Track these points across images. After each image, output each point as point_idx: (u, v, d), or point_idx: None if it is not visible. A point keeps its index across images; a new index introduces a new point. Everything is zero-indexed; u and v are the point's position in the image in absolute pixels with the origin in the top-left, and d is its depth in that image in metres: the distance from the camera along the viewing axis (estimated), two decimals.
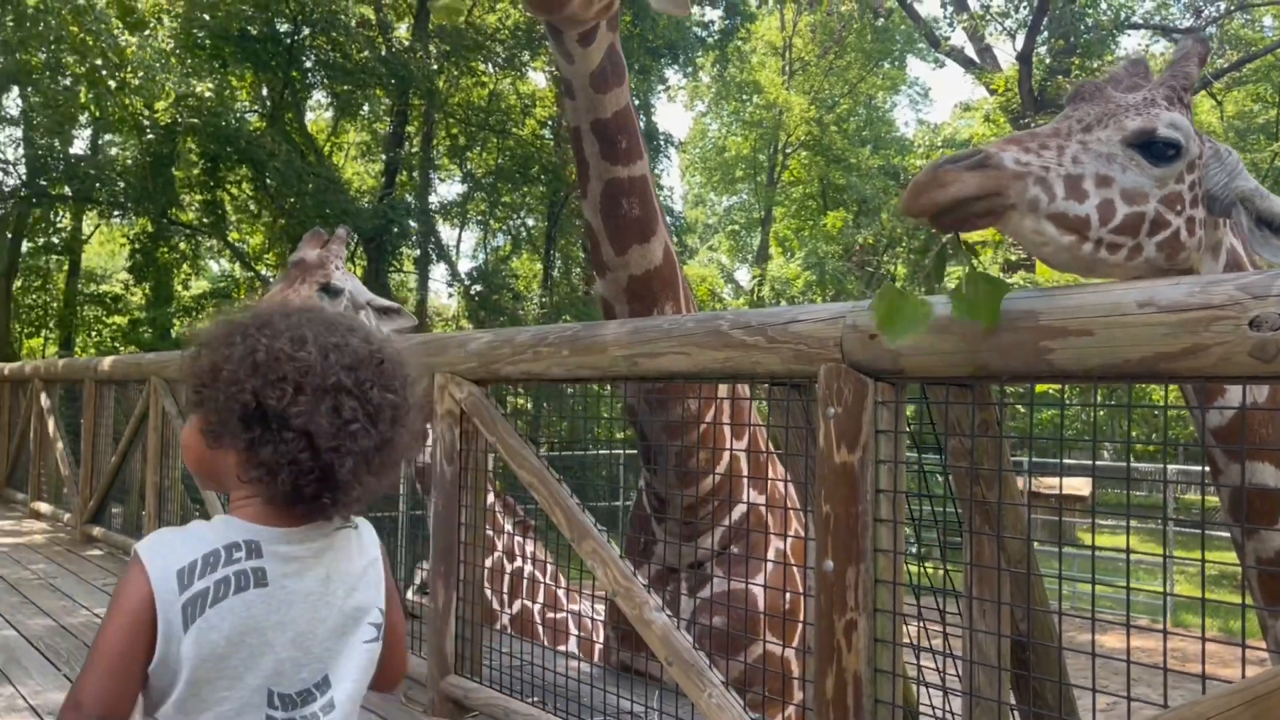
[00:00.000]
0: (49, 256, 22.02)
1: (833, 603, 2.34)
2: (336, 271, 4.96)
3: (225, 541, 1.36)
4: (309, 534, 1.42)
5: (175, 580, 1.30)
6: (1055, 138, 2.09)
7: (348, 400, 1.38)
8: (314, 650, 1.40)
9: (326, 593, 1.42)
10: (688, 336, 2.82)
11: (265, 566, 1.36)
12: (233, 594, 1.33)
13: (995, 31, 23.89)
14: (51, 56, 15.45)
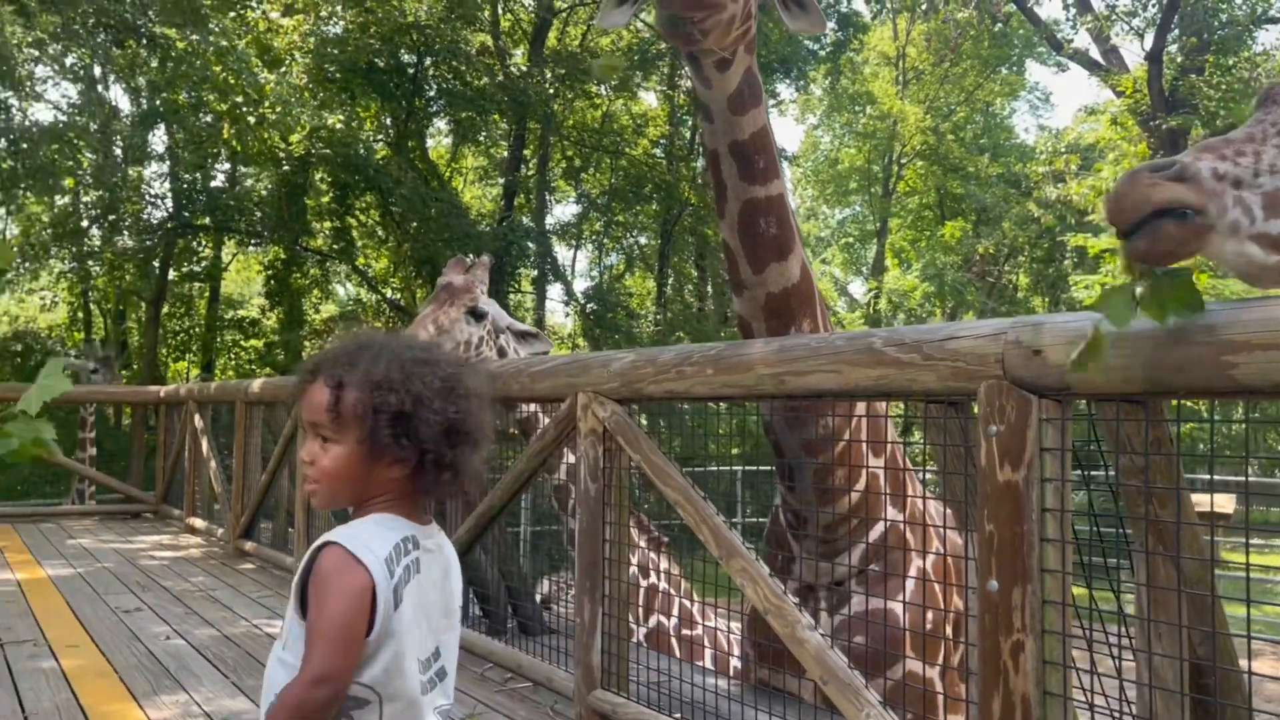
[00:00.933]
0: (192, 284, 23.26)
1: (998, 623, 2.31)
2: (481, 297, 5.15)
3: (401, 535, 1.64)
4: (433, 532, 1.73)
5: (385, 568, 1.57)
6: (1250, 143, 1.98)
7: (469, 404, 1.70)
8: (436, 627, 1.70)
9: (444, 580, 1.73)
10: (837, 354, 2.83)
11: (420, 557, 1.65)
12: (413, 577, 1.62)
13: (1121, 31, 23.06)
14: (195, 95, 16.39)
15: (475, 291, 5.17)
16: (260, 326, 23.07)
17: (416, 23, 17.46)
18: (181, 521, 9.87)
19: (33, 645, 4.98)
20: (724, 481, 15.25)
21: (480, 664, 4.72)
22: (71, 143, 14.58)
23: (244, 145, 17.48)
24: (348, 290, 26.52)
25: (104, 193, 17.30)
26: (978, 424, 2.42)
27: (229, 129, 16.94)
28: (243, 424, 8.27)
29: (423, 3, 17.64)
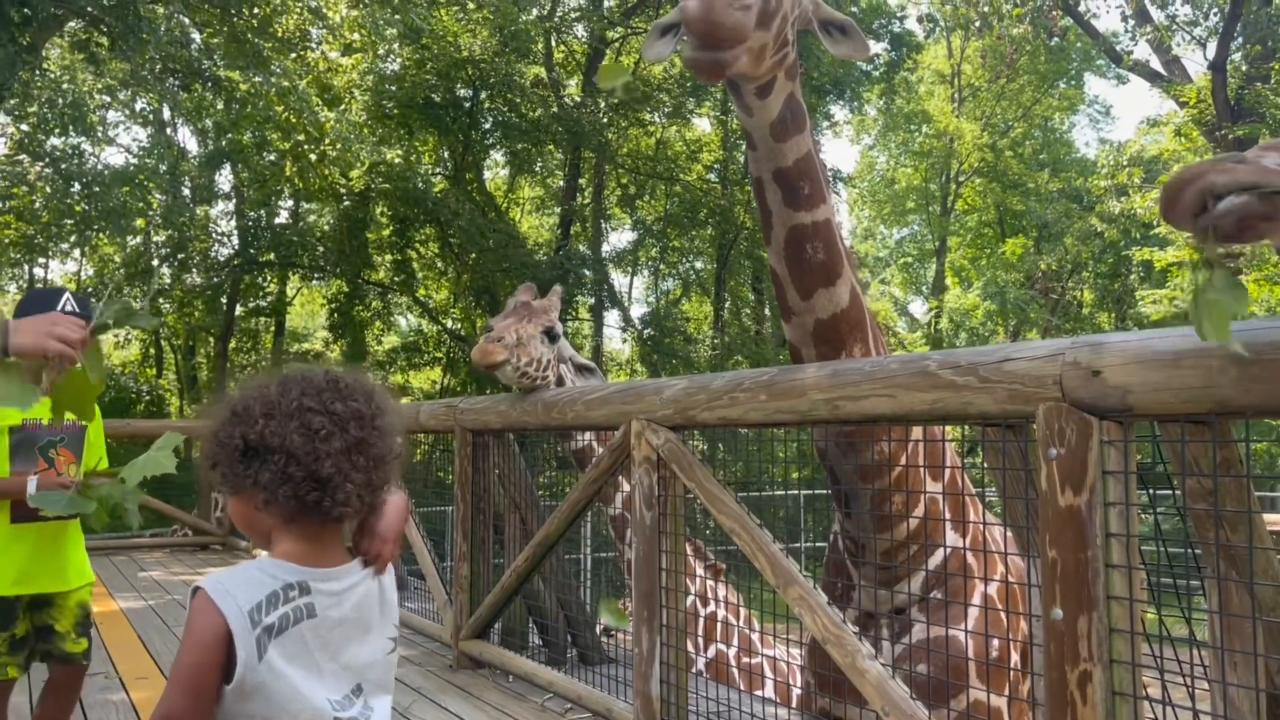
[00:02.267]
0: (258, 319, 23.81)
1: (1064, 653, 2.25)
2: (557, 320, 5.21)
3: (282, 583, 1.61)
4: (341, 573, 1.69)
5: (246, 619, 1.55)
6: None
7: (314, 416, 1.62)
8: (350, 664, 1.68)
9: (358, 615, 1.70)
10: (892, 378, 2.79)
11: (314, 601, 1.63)
12: (291, 626, 1.59)
13: (1183, 41, 22.59)
14: (258, 135, 16.86)
15: (553, 314, 5.20)
16: (324, 359, 23.51)
17: (471, 58, 17.76)
18: (248, 553, 10.05)
19: (104, 677, 5.09)
20: (786, 506, 15.13)
21: (541, 694, 4.71)
22: (142, 185, 15.06)
23: (306, 182, 17.92)
24: (409, 321, 26.94)
25: (173, 232, 17.84)
26: (1037, 447, 2.36)
27: (291, 167, 17.39)
28: None
29: (477, 38, 17.95)
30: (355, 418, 1.66)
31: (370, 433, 1.67)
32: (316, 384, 1.68)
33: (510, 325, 4.98)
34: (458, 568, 5.48)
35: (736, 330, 25.99)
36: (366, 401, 1.70)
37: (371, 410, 1.69)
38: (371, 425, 1.67)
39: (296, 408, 1.62)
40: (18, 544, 3.22)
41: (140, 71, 12.63)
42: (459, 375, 21.93)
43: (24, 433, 3.27)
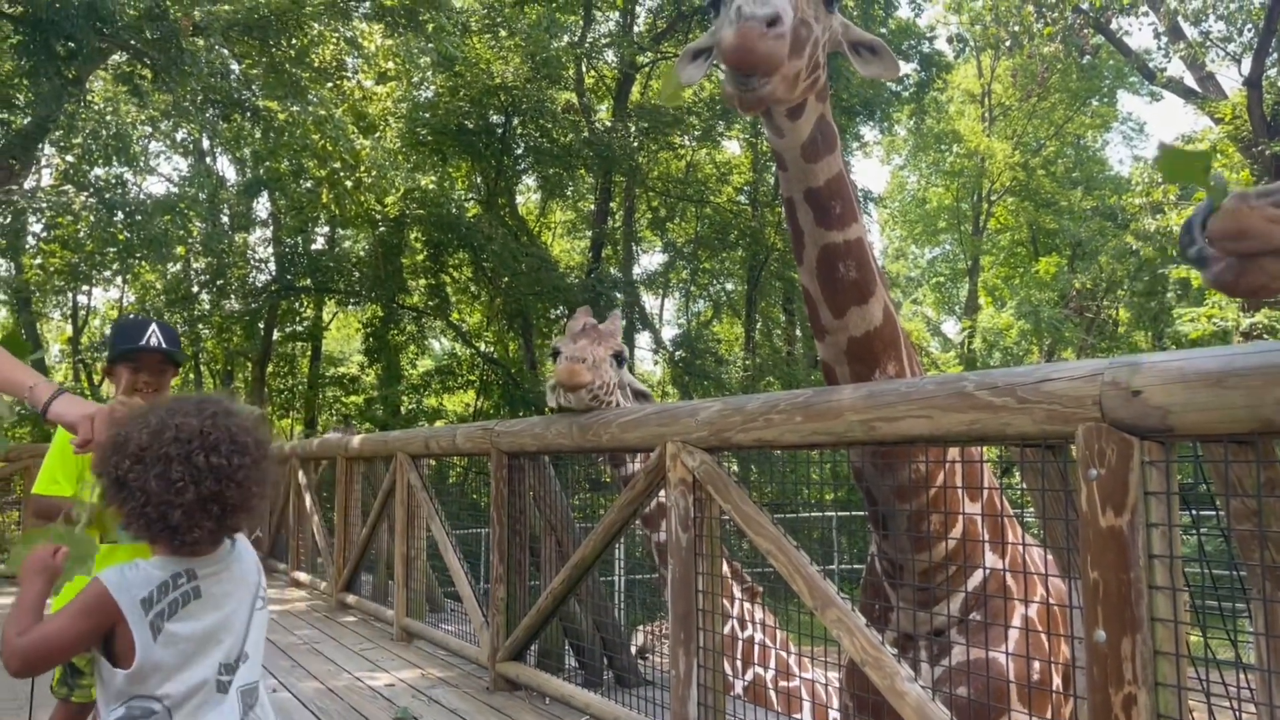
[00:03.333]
0: (295, 344, 24.10)
1: (1108, 675, 2.23)
2: (623, 345, 5.20)
3: (170, 573, 1.89)
4: (218, 556, 1.96)
5: (140, 608, 1.83)
6: None
7: (174, 467, 1.83)
8: (237, 628, 1.96)
9: (236, 589, 1.98)
10: (929, 399, 2.79)
11: (200, 585, 1.91)
12: (183, 607, 1.88)
13: (1217, 58, 22.41)
14: (295, 163, 17.13)
15: (619, 337, 5.19)
16: (360, 382, 23.73)
17: (504, 84, 17.97)
18: (287, 575, 10.15)
19: None
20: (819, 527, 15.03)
21: (578, 716, 4.72)
22: (182, 213, 15.35)
23: (342, 209, 18.17)
24: (443, 345, 27.15)
25: (212, 259, 18.13)
26: (1076, 468, 2.36)
27: (328, 194, 17.64)
28: (344, 479, 8.50)
29: (509, 65, 18.16)
30: (214, 472, 1.86)
31: (228, 486, 1.88)
32: (188, 432, 1.88)
33: (584, 347, 4.93)
34: (494, 590, 5.50)
35: (768, 351, 25.96)
36: (233, 454, 1.90)
37: (235, 464, 1.89)
38: (231, 479, 1.88)
39: (162, 455, 1.84)
40: (104, 564, 3.29)
41: (182, 103, 12.90)
42: (492, 398, 22.05)
43: None
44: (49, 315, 25.31)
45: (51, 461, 3.18)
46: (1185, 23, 22.03)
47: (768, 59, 2.63)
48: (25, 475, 9.91)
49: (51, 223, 14.78)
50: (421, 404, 22.82)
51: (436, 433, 6.76)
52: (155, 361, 3.37)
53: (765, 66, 2.64)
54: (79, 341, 23.36)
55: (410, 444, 6.92)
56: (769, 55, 2.62)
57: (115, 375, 3.33)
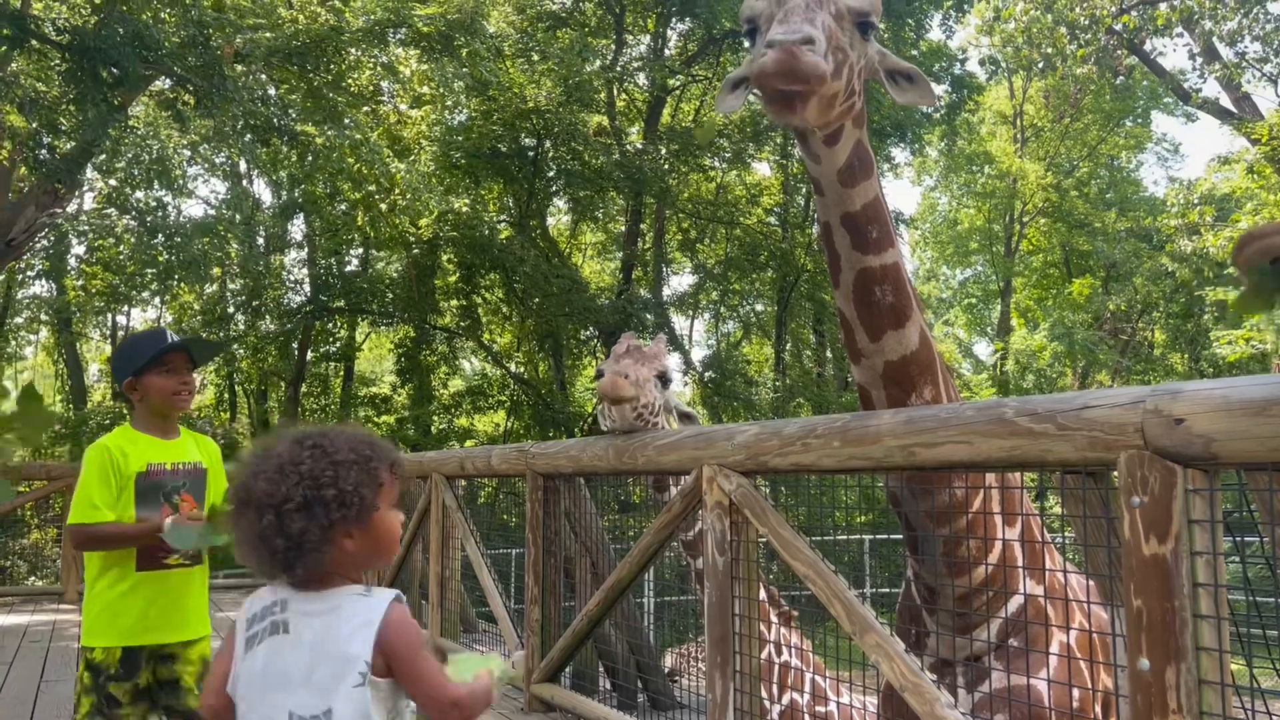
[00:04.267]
0: (328, 364, 24.35)
1: (1152, 705, 2.23)
2: (670, 366, 5.16)
3: (271, 599, 1.86)
4: (320, 596, 1.83)
5: (245, 624, 1.85)
6: None
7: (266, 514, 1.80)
8: (315, 683, 1.78)
9: (324, 641, 1.80)
10: (968, 425, 2.80)
11: (289, 619, 1.82)
12: (267, 639, 1.82)
13: (1253, 78, 22.23)
14: (331, 186, 17.38)
15: (666, 361, 5.14)
16: (392, 403, 23.92)
17: (536, 108, 18.16)
18: None
19: None
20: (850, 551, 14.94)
21: None
22: (220, 235, 15.61)
23: (376, 231, 18.39)
24: (473, 365, 27.31)
25: (248, 280, 18.40)
26: (1119, 495, 2.36)
27: (363, 216, 17.86)
28: None
29: (541, 89, 18.35)
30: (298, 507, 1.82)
31: (301, 522, 1.82)
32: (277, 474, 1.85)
33: (629, 368, 4.90)
34: (529, 611, 5.54)
35: (798, 373, 25.88)
36: (314, 487, 1.84)
37: (304, 496, 1.83)
38: (305, 512, 1.82)
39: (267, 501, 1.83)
40: (144, 592, 3.15)
41: (222, 128, 13.16)
42: (522, 418, 22.14)
43: (149, 479, 3.21)
44: (89, 336, 25.73)
45: (89, 487, 3.10)
46: (1221, 43, 21.87)
47: (812, 69, 2.67)
48: (65, 493, 10.07)
49: (93, 245, 15.08)
50: (453, 424, 22.94)
51: (471, 454, 6.82)
52: (184, 360, 3.31)
53: (809, 78, 2.68)
54: None
55: (445, 464, 6.98)
56: (813, 67, 2.66)
57: (145, 388, 3.24)
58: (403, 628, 1.82)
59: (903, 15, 21.70)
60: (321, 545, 1.79)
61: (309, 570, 1.80)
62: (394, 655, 1.79)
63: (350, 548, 1.83)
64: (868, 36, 3.10)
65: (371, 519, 1.85)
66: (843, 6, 2.94)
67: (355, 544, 1.83)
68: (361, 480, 1.84)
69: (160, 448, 3.26)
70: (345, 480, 1.82)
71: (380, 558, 1.92)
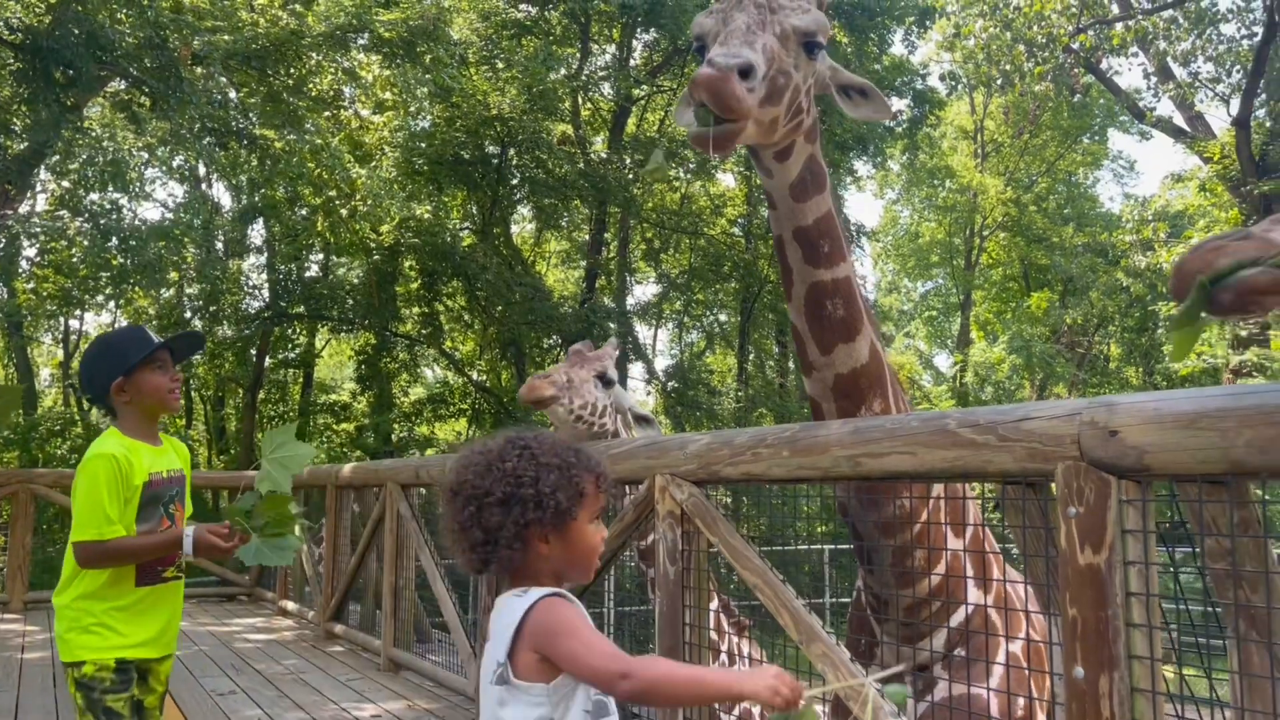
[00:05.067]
0: (287, 370, 24.09)
1: (1086, 712, 2.25)
2: (611, 366, 5.21)
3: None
4: (500, 599, 1.88)
5: None
6: None
7: (469, 505, 1.87)
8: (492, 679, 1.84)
9: (491, 641, 1.86)
10: (913, 436, 2.83)
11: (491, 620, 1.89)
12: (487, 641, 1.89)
13: (1206, 98, 22.70)
14: (291, 191, 17.22)
15: (606, 361, 5.20)
16: (351, 410, 23.70)
17: (500, 115, 18.13)
18: (274, 604, 10.10)
19: None
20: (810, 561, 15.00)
21: None
22: (177, 239, 15.40)
23: (337, 236, 18.25)
24: (435, 373, 27.16)
25: (206, 285, 18.17)
26: (1056, 505, 2.39)
27: (323, 222, 17.71)
28: (333, 508, 8.48)
29: (506, 96, 18.33)
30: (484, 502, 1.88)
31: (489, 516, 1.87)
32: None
33: (561, 369, 5.01)
34: (482, 621, 5.50)
35: (760, 383, 25.99)
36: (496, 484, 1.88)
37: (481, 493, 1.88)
38: (485, 507, 1.87)
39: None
40: (143, 607, 3.03)
41: (179, 130, 13.00)
42: (484, 426, 22.03)
43: (152, 489, 3.07)
44: (40, 340, 25.27)
45: (100, 500, 2.89)
46: (1175, 63, 22.33)
47: (732, 101, 2.66)
48: (13, 500, 9.85)
49: (45, 248, 14.82)
50: (413, 432, 22.78)
51: (427, 462, 6.78)
52: (170, 359, 3.21)
53: (730, 110, 2.69)
54: (69, 366, 23.32)
55: (400, 473, 6.93)
56: (734, 98, 2.65)
57: (137, 388, 3.07)
58: (542, 616, 1.80)
59: (866, 30, 21.94)
60: (514, 543, 1.82)
61: (501, 567, 1.84)
62: (540, 646, 1.79)
63: (545, 552, 1.85)
64: (815, 55, 3.12)
65: (569, 527, 1.86)
66: (788, 27, 2.97)
67: (550, 550, 1.85)
68: (560, 485, 1.85)
69: (154, 455, 3.11)
70: (544, 482, 1.84)
71: (576, 570, 1.91)
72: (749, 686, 1.80)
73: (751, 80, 2.70)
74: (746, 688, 1.81)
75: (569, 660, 1.77)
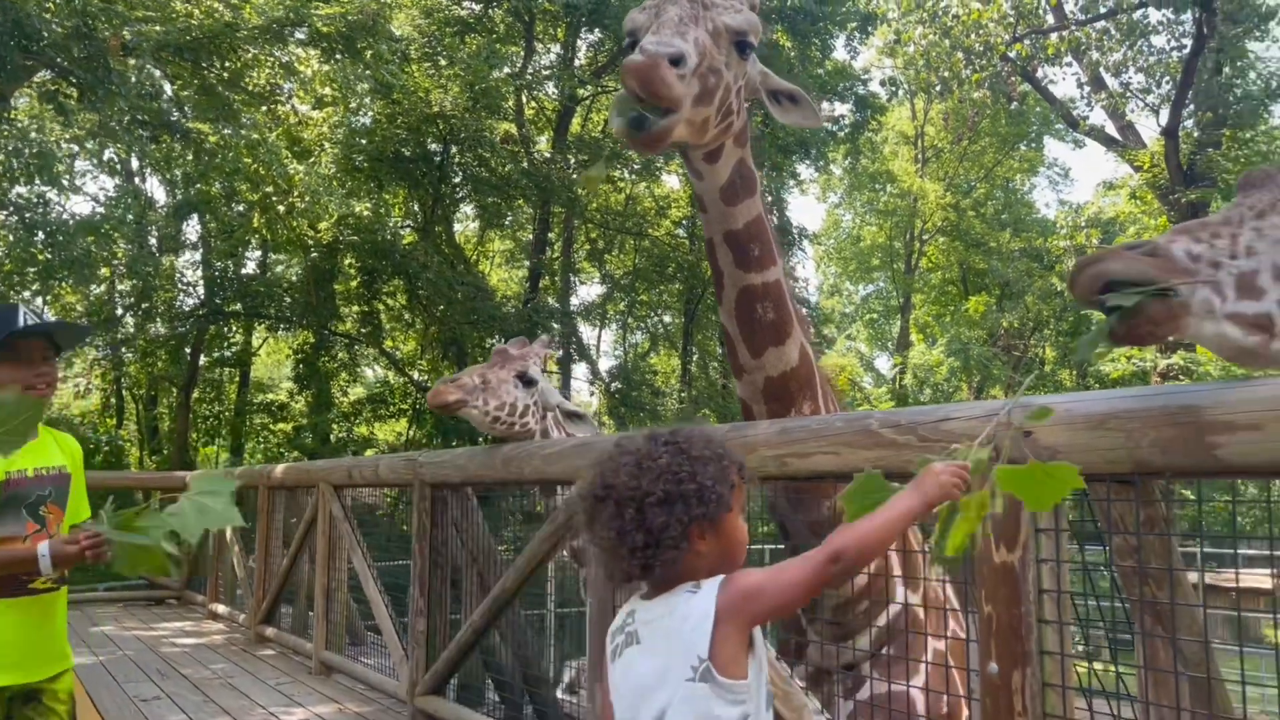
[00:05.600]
0: (223, 369, 23.61)
1: (999, 707, 2.29)
2: (533, 365, 5.19)
3: (625, 613, 1.88)
4: (661, 600, 1.81)
5: (610, 637, 1.90)
6: (1227, 225, 1.99)
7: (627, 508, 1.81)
8: (669, 686, 1.75)
9: (670, 644, 1.76)
10: (837, 436, 2.86)
11: (638, 629, 1.82)
12: (625, 650, 1.84)
13: (1137, 108, 23.31)
14: (227, 186, 16.87)
15: (528, 361, 5.17)
16: (289, 410, 23.32)
17: (442, 113, 17.95)
18: (205, 608, 9.89)
19: None
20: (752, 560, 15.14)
21: None
22: (107, 234, 15.01)
23: (274, 233, 17.94)
24: (376, 373, 26.83)
25: (138, 281, 17.74)
26: None
27: (259, 218, 17.40)
28: (265, 509, 8.33)
29: (449, 94, 18.17)
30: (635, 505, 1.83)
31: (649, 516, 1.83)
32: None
33: (476, 370, 4.95)
34: (414, 623, 5.44)
35: (704, 384, 26.10)
36: (652, 484, 1.83)
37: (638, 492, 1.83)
38: (642, 509, 1.83)
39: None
40: (5, 622, 2.71)
41: (109, 123, 12.67)
42: (424, 427, 21.82)
43: (10, 489, 2.79)
44: None
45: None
46: (1107, 74, 22.90)
47: (663, 87, 2.64)
48: None
49: None
50: (352, 432, 22.48)
51: (360, 463, 6.69)
52: (41, 347, 2.87)
53: (660, 97, 2.67)
54: None
55: (333, 474, 6.83)
56: (665, 84, 2.61)
57: None
58: (732, 589, 1.77)
59: (809, 35, 22.13)
60: (680, 542, 1.77)
61: (666, 569, 1.78)
62: (748, 613, 1.76)
63: (703, 549, 1.81)
64: (746, 55, 3.13)
65: (724, 520, 1.83)
66: (720, 24, 2.97)
67: (707, 545, 1.81)
68: (718, 476, 1.82)
69: (24, 451, 2.71)
70: (704, 475, 1.81)
71: (728, 563, 1.86)
72: (932, 495, 1.82)
73: (683, 68, 2.68)
74: (931, 497, 1.82)
75: (785, 594, 1.79)
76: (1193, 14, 19.93)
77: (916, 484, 1.83)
